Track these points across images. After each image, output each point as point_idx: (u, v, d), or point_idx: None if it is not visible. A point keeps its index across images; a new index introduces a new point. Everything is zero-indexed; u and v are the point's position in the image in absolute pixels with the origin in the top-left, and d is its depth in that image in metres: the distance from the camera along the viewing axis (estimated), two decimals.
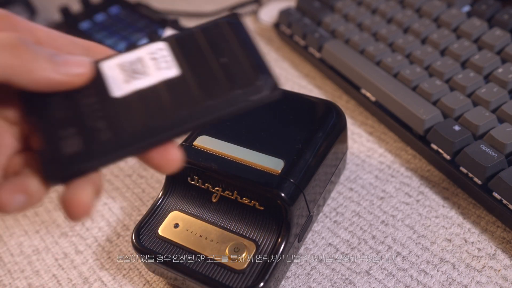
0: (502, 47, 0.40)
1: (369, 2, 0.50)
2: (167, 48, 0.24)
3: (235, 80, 0.24)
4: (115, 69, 0.23)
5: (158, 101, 0.23)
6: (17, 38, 0.21)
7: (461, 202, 0.36)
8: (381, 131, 0.43)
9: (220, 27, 0.25)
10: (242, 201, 0.31)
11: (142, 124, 0.22)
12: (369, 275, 0.32)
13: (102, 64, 0.23)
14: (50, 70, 0.21)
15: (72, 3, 0.73)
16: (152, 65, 0.23)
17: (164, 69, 0.23)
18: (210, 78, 0.23)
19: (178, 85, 0.23)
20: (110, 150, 0.22)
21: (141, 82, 0.23)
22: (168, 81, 0.23)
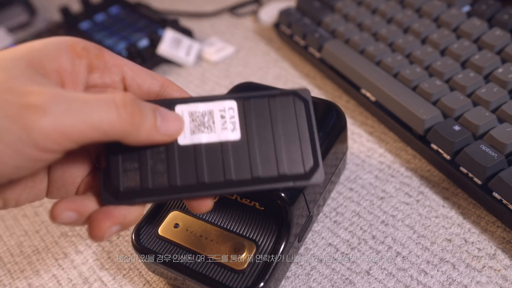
0: (502, 47, 0.40)
1: (369, 2, 0.50)
2: (237, 109, 0.25)
3: (287, 163, 0.25)
4: (186, 117, 0.25)
5: (214, 160, 0.25)
6: (131, 99, 0.21)
7: (461, 202, 0.36)
8: (381, 131, 0.43)
9: (288, 101, 0.26)
10: (242, 201, 0.31)
11: (195, 178, 0.24)
12: (369, 275, 0.32)
13: (177, 107, 0.25)
14: (154, 132, 0.22)
15: (72, 3, 0.73)
16: (219, 122, 0.25)
17: (229, 131, 0.25)
18: (265, 154, 0.25)
19: (236, 150, 0.25)
20: (161, 193, 0.24)
21: (206, 137, 0.25)
22: (229, 144, 0.25)
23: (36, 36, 0.60)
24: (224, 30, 0.61)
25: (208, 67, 0.55)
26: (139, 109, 0.22)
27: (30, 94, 0.19)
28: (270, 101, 0.26)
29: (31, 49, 0.21)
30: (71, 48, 0.22)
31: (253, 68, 0.53)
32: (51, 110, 0.19)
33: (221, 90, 0.51)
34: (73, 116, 0.19)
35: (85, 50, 0.22)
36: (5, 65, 0.20)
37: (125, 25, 0.61)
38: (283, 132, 0.25)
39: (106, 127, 0.20)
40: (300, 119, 0.26)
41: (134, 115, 0.21)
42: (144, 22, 0.60)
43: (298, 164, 0.25)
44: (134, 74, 0.24)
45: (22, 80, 0.19)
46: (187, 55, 0.55)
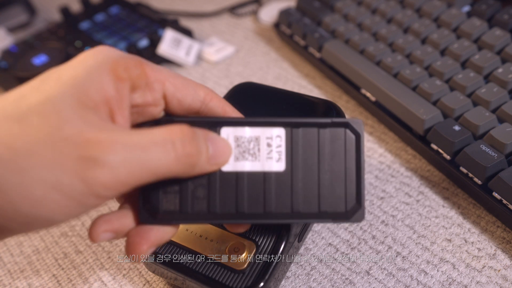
0: (502, 47, 0.40)
1: (369, 2, 0.50)
2: (284, 138, 0.24)
3: (329, 200, 0.25)
4: (231, 141, 0.24)
5: (255, 191, 0.24)
6: (189, 138, 0.21)
7: (461, 202, 0.36)
8: (381, 131, 0.43)
9: (339, 134, 0.24)
10: None
11: (234, 207, 0.24)
12: (369, 275, 0.32)
13: (223, 129, 0.24)
14: (206, 165, 0.22)
15: (72, 3, 0.73)
16: (265, 151, 0.24)
17: (274, 160, 0.24)
18: (308, 189, 0.24)
19: (278, 182, 0.24)
20: (199, 217, 0.24)
21: (249, 165, 0.24)
22: (272, 174, 0.24)
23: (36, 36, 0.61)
24: (224, 30, 0.61)
25: (208, 67, 0.55)
26: (196, 146, 0.22)
27: (88, 145, 0.19)
28: (320, 132, 0.24)
29: (76, 80, 0.20)
30: (113, 72, 0.21)
31: (253, 68, 0.53)
32: (110, 162, 0.19)
33: (221, 90, 0.51)
34: (131, 165, 0.19)
35: (126, 72, 0.22)
36: (55, 106, 0.19)
37: (125, 25, 0.61)
38: (329, 167, 0.24)
39: (163, 171, 0.21)
40: (349, 154, 0.24)
41: (192, 156, 0.21)
42: (144, 22, 0.60)
43: (340, 202, 0.25)
44: (176, 90, 0.23)
45: (76, 124, 0.19)
46: (187, 55, 0.55)
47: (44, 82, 0.20)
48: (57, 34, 0.60)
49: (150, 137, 0.20)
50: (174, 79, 0.23)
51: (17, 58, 0.55)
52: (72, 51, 0.57)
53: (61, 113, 0.19)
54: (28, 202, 0.18)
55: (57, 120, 0.19)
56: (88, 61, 0.21)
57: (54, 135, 0.18)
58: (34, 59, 0.53)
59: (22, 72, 0.52)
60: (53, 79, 0.20)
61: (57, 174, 0.18)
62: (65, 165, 0.18)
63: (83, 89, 0.20)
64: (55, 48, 0.55)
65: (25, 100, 0.19)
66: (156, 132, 0.21)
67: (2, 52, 0.58)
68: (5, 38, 0.63)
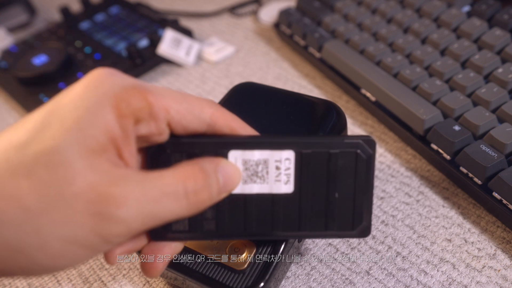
0: (502, 47, 0.40)
1: (369, 2, 0.50)
2: (293, 161, 0.24)
3: (337, 220, 0.25)
4: (239, 164, 0.24)
5: (264, 213, 0.24)
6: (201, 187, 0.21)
7: (461, 202, 0.36)
8: (381, 131, 0.43)
9: (351, 156, 0.24)
10: None
11: (243, 228, 0.24)
12: (369, 275, 0.32)
13: (230, 153, 0.23)
14: (217, 196, 0.23)
15: (72, 3, 0.73)
16: (273, 174, 0.24)
17: (282, 183, 0.24)
18: (316, 209, 0.24)
19: (286, 205, 0.24)
20: (209, 236, 0.25)
21: (257, 187, 0.24)
22: (280, 197, 0.24)
23: (36, 36, 0.61)
24: (224, 30, 0.61)
25: (208, 67, 0.55)
26: (209, 190, 0.22)
27: (101, 201, 0.19)
28: (330, 155, 0.24)
29: (80, 123, 0.19)
30: (117, 109, 0.20)
31: (253, 68, 0.53)
32: (124, 217, 0.19)
33: (221, 90, 0.51)
34: (144, 217, 0.20)
35: (130, 107, 0.20)
36: (62, 156, 0.18)
37: (125, 25, 0.61)
38: (339, 188, 0.24)
39: (174, 218, 0.21)
40: (360, 175, 0.24)
41: (204, 201, 0.22)
42: (144, 22, 0.60)
43: (348, 222, 0.25)
44: (181, 117, 0.22)
45: (86, 177, 0.18)
46: (187, 55, 0.55)
47: (47, 126, 0.19)
48: (57, 34, 0.61)
49: (162, 187, 0.20)
50: (179, 105, 0.22)
51: (17, 58, 0.55)
52: (72, 51, 0.57)
53: (69, 164, 0.18)
54: (47, 256, 0.19)
55: (65, 173, 0.18)
56: (89, 97, 0.20)
57: (65, 191, 0.18)
58: (34, 59, 0.53)
59: (22, 72, 0.52)
60: (56, 123, 0.19)
61: (73, 230, 0.18)
62: (79, 222, 0.18)
63: (88, 134, 0.19)
64: (55, 48, 0.55)
65: (29, 149, 0.18)
66: (167, 181, 0.21)
67: (2, 52, 0.58)
68: (5, 38, 0.63)
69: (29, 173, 0.18)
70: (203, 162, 0.23)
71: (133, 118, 0.20)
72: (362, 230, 0.25)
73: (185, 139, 0.23)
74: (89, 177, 0.19)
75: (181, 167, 0.22)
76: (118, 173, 0.20)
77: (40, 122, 0.19)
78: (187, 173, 0.21)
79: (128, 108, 0.20)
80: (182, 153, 0.23)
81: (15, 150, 0.19)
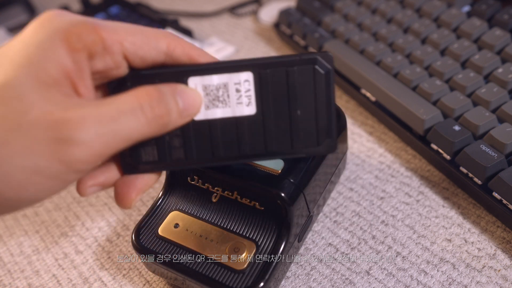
0: (502, 47, 0.40)
1: (369, 2, 0.50)
2: (253, 81, 0.24)
3: (302, 137, 0.25)
4: (200, 90, 0.24)
5: (229, 136, 0.25)
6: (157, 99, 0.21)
7: (461, 202, 0.36)
8: (381, 131, 0.43)
9: (308, 71, 0.24)
10: (242, 201, 0.31)
11: (210, 153, 0.25)
12: (369, 275, 0.32)
13: (190, 80, 0.24)
14: (178, 120, 0.23)
15: (72, 3, 0.73)
16: (234, 96, 0.24)
17: (244, 105, 0.24)
18: (280, 129, 0.25)
19: (250, 126, 0.25)
20: (179, 164, 0.25)
21: (220, 112, 0.24)
22: (244, 119, 0.24)
23: None
24: (224, 30, 0.61)
25: None
26: (165, 106, 0.22)
27: (58, 126, 0.18)
28: (288, 72, 0.24)
29: (30, 59, 0.19)
30: (67, 43, 0.20)
31: None
32: (84, 139, 0.19)
33: None
34: (105, 137, 0.19)
35: (81, 41, 0.20)
36: (15, 90, 0.19)
37: None
38: (300, 104, 0.24)
39: (137, 136, 0.21)
40: (319, 90, 0.24)
41: (163, 116, 0.22)
42: (144, 22, 0.60)
43: (312, 137, 0.25)
44: (136, 48, 0.22)
45: (41, 106, 0.19)
46: None
47: (0, 61, 0.19)
48: None
49: (118, 106, 0.20)
50: (133, 37, 0.22)
51: None
52: None
53: (23, 96, 0.19)
54: (11, 188, 0.18)
55: (20, 105, 0.18)
56: (39, 34, 0.20)
57: (22, 122, 0.18)
58: None
59: None
60: (6, 61, 0.19)
61: (34, 159, 0.18)
62: (40, 150, 0.18)
63: (40, 68, 0.19)
64: None
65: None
66: (123, 100, 0.21)
67: None
68: (5, 38, 0.63)
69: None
70: (160, 86, 0.23)
71: (85, 52, 0.21)
72: (328, 145, 0.25)
73: (144, 71, 0.24)
74: (44, 106, 0.19)
75: (138, 89, 0.22)
76: (73, 101, 0.20)
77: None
78: (142, 92, 0.21)
79: (79, 42, 0.20)
80: (143, 85, 0.23)
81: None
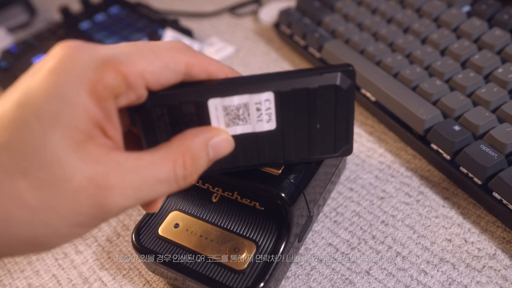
0: (502, 47, 0.40)
1: (369, 2, 0.50)
2: (273, 101, 0.24)
3: (320, 147, 0.26)
4: (220, 111, 0.23)
5: (249, 149, 0.25)
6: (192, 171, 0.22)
7: (461, 202, 0.36)
8: (381, 131, 0.43)
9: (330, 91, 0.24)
10: (243, 201, 0.31)
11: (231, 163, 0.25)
12: (369, 275, 0.32)
13: (210, 102, 0.23)
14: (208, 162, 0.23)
15: (72, 3, 0.73)
16: (254, 115, 0.24)
17: (264, 122, 0.24)
18: (299, 140, 0.25)
19: (270, 139, 0.25)
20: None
21: (240, 128, 0.24)
22: (264, 134, 0.25)
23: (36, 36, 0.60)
24: (224, 30, 0.61)
25: None
26: (197, 169, 0.23)
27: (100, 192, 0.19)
28: (309, 91, 0.23)
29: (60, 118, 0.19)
30: (94, 93, 0.20)
31: (253, 68, 0.53)
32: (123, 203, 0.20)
33: None
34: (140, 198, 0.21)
35: (107, 89, 0.20)
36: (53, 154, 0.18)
37: (125, 25, 0.61)
38: (320, 119, 0.24)
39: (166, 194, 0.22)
40: (341, 106, 0.24)
41: (193, 179, 0.23)
42: (144, 22, 0.60)
43: (331, 145, 0.26)
44: (157, 77, 0.22)
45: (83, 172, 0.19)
46: None
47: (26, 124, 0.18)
48: (57, 34, 0.60)
49: (155, 175, 0.21)
50: (152, 66, 0.21)
51: (17, 58, 0.55)
52: None
53: (63, 162, 0.19)
54: (58, 239, 0.20)
55: (62, 171, 0.19)
56: (63, 85, 0.19)
57: (66, 188, 0.19)
58: (34, 59, 0.54)
59: (22, 72, 0.52)
60: (35, 120, 0.18)
61: (78, 218, 0.20)
62: (83, 211, 0.20)
63: (72, 126, 0.19)
64: None
65: (16, 150, 0.18)
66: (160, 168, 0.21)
67: (2, 52, 0.58)
68: (5, 38, 0.63)
69: (24, 173, 0.18)
70: (194, 141, 0.23)
71: (112, 97, 0.20)
72: (344, 150, 0.26)
73: (162, 92, 0.23)
74: (86, 171, 0.19)
75: (172, 151, 0.22)
76: (112, 160, 0.20)
77: (17, 119, 0.19)
78: (179, 157, 0.22)
79: (105, 90, 0.20)
80: (162, 107, 0.23)
81: (5, 153, 0.18)
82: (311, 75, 0.23)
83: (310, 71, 0.24)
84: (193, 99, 0.23)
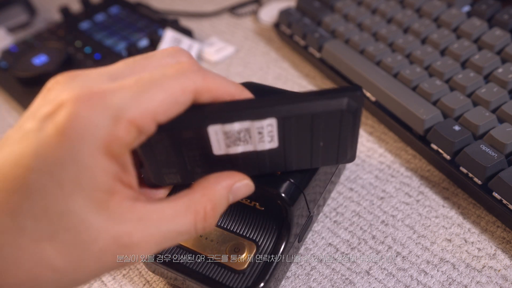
0: (502, 47, 0.40)
1: (369, 2, 0.50)
2: (276, 126, 0.23)
3: (322, 159, 0.26)
4: (220, 135, 0.23)
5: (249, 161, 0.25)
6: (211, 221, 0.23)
7: (461, 202, 0.36)
8: (381, 131, 0.43)
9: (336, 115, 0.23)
10: (243, 201, 0.31)
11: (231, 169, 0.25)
12: (369, 275, 0.32)
13: (210, 128, 0.22)
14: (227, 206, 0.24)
15: (72, 3, 0.73)
16: (256, 137, 0.23)
17: (266, 142, 0.24)
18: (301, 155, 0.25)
19: (271, 154, 0.25)
20: None
21: (242, 148, 0.24)
22: (265, 151, 0.24)
23: (36, 36, 0.61)
24: (224, 30, 0.61)
25: (208, 67, 0.55)
26: (216, 216, 0.23)
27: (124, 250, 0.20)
28: (314, 116, 0.23)
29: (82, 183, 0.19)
30: (110, 153, 0.19)
31: (253, 68, 0.53)
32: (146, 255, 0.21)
33: None
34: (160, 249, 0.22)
35: (122, 147, 0.20)
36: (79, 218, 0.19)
37: (125, 25, 0.61)
38: (323, 138, 0.24)
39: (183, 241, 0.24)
40: (345, 126, 0.23)
41: (212, 227, 0.23)
42: (144, 22, 0.60)
43: (333, 158, 0.26)
44: (167, 114, 0.21)
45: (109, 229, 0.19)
46: None
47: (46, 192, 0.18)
48: (57, 34, 0.61)
49: (177, 228, 0.21)
50: (162, 106, 0.20)
51: (17, 58, 0.55)
52: (72, 51, 0.57)
53: (88, 224, 0.19)
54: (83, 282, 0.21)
55: (87, 234, 0.19)
56: (79, 151, 0.19)
57: (92, 249, 0.19)
58: (34, 59, 0.53)
59: (22, 72, 0.52)
60: (55, 188, 0.18)
61: (103, 271, 0.21)
62: (109, 267, 0.21)
63: (94, 189, 0.19)
64: (55, 48, 0.55)
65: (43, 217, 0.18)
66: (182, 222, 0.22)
67: (2, 52, 0.58)
68: (5, 38, 0.63)
69: (51, 238, 0.19)
70: (216, 189, 0.23)
71: (127, 150, 0.20)
72: (347, 160, 0.26)
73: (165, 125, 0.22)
74: (111, 231, 0.20)
75: (194, 203, 0.22)
76: (135, 216, 0.20)
77: (35, 186, 0.18)
78: (200, 210, 0.22)
79: (120, 148, 0.20)
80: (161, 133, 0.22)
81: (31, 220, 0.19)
82: (316, 99, 0.22)
83: (315, 95, 0.23)
84: (194, 126, 0.22)
